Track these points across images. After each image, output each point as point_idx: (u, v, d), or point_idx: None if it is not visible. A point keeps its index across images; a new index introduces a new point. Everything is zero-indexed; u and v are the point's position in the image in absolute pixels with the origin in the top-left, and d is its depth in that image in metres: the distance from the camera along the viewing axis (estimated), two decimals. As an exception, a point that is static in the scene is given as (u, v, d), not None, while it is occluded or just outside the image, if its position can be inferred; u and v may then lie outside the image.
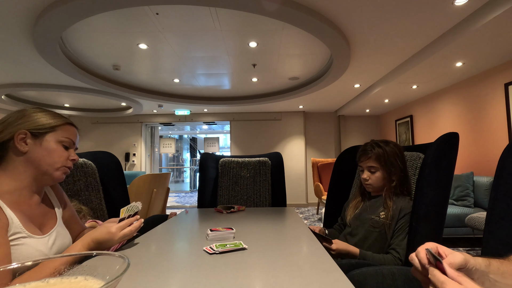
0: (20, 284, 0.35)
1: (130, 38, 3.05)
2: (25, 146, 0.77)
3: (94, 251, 0.40)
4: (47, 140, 0.80)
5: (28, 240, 0.72)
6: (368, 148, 1.24)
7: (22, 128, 0.77)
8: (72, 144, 0.85)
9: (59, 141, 0.82)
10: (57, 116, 0.84)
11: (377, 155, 1.20)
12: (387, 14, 2.49)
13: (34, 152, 0.78)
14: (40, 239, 0.76)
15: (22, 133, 0.77)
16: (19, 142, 0.76)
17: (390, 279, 0.91)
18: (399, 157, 1.20)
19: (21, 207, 0.76)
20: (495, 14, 2.27)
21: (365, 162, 1.24)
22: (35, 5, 2.31)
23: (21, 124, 0.77)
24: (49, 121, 0.81)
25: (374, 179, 1.22)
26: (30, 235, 0.74)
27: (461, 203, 3.42)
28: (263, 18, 2.62)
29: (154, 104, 5.85)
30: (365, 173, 1.25)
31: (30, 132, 0.77)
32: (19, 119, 0.78)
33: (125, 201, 1.52)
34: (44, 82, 4.33)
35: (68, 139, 0.83)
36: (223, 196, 1.95)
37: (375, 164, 1.21)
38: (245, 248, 0.85)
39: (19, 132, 0.76)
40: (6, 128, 0.77)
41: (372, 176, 1.22)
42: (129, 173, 6.06)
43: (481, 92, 3.75)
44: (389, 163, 1.19)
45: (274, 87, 5.02)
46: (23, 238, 0.71)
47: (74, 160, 0.85)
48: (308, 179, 6.79)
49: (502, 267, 0.52)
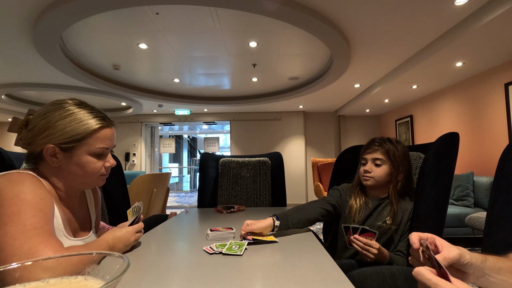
0: (20, 284, 0.35)
1: (130, 38, 3.05)
2: (56, 161, 0.72)
3: (94, 251, 0.40)
4: (77, 155, 0.72)
5: (63, 240, 0.72)
6: (377, 141, 1.17)
7: (48, 141, 0.70)
8: (107, 151, 0.77)
9: (91, 153, 0.74)
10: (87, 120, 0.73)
11: (387, 149, 1.13)
12: (387, 14, 2.49)
13: (66, 166, 0.73)
14: (72, 241, 0.75)
15: (50, 148, 0.70)
16: (49, 157, 0.71)
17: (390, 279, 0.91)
18: (407, 158, 1.15)
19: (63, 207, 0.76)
20: (495, 14, 2.27)
21: (371, 154, 1.16)
22: (35, 5, 2.31)
23: (47, 136, 0.70)
24: (77, 132, 0.71)
25: (378, 172, 1.13)
26: (66, 235, 0.74)
27: (461, 203, 3.42)
28: (263, 18, 2.62)
29: (154, 104, 5.85)
30: (368, 165, 1.16)
31: (59, 146, 0.70)
32: (45, 130, 0.70)
33: (125, 201, 1.52)
34: (44, 82, 4.33)
35: (100, 149, 0.75)
36: (223, 196, 1.95)
37: (382, 156, 1.13)
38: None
39: (47, 147, 0.70)
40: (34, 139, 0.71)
41: (375, 169, 1.14)
42: (129, 173, 6.06)
43: (481, 92, 3.75)
44: (398, 161, 1.12)
45: (274, 87, 5.02)
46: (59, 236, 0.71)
47: (110, 167, 0.79)
48: (308, 179, 6.79)
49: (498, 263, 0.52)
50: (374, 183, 1.15)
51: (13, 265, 0.36)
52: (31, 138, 0.71)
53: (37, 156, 0.73)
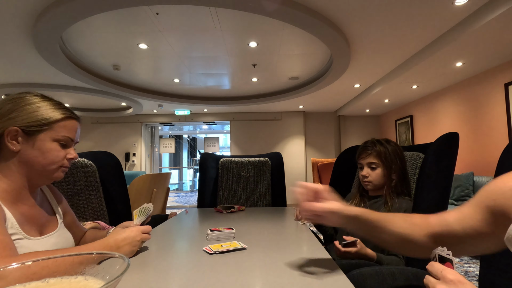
0: (20, 284, 0.35)
1: (130, 38, 3.05)
2: (17, 145, 0.69)
3: (93, 251, 0.40)
4: (41, 140, 0.71)
5: (25, 242, 0.69)
6: (369, 145, 1.23)
7: (13, 124, 0.68)
8: (71, 142, 0.77)
9: (55, 139, 0.73)
10: (54, 109, 0.74)
11: (378, 152, 1.19)
12: (387, 14, 2.49)
13: (26, 152, 0.70)
14: (37, 241, 0.72)
15: (13, 131, 0.68)
16: (10, 140, 0.69)
17: (390, 279, 0.91)
18: (399, 155, 1.20)
19: (19, 207, 0.71)
20: (495, 14, 2.27)
21: (365, 159, 1.23)
22: (35, 5, 2.31)
23: (13, 119, 0.68)
24: (44, 117, 0.71)
25: (374, 175, 1.20)
26: (27, 236, 0.70)
27: (461, 203, 3.42)
28: (263, 18, 2.62)
29: (154, 104, 5.85)
30: (364, 170, 1.23)
31: (22, 129, 0.69)
32: (11, 112, 0.69)
33: (125, 201, 1.52)
34: (44, 82, 4.33)
35: (65, 137, 0.74)
36: (223, 196, 1.95)
37: (375, 160, 1.20)
38: (244, 248, 0.85)
39: (9, 130, 0.68)
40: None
41: (372, 173, 1.21)
42: (129, 173, 6.06)
43: (481, 92, 3.75)
44: (390, 161, 1.18)
45: (274, 87, 5.02)
46: (19, 239, 0.67)
47: (72, 159, 0.77)
48: (308, 179, 6.79)
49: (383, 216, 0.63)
50: (374, 187, 1.22)
51: (13, 265, 0.36)
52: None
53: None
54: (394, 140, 5.97)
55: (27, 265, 0.37)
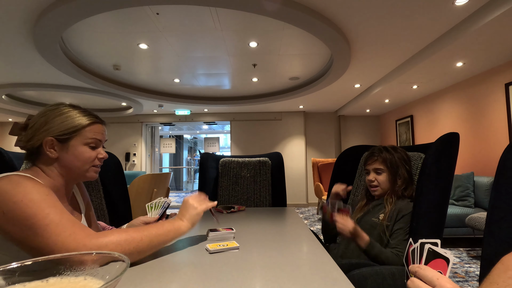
0: (20, 284, 0.35)
1: (130, 38, 3.05)
2: (54, 152, 0.79)
3: (93, 251, 0.40)
4: (73, 145, 0.81)
5: None
6: (376, 151, 1.30)
7: (47, 135, 0.78)
8: (99, 143, 0.86)
9: (85, 143, 0.83)
10: (81, 116, 0.83)
11: (384, 158, 1.25)
12: (387, 14, 2.49)
13: (63, 157, 0.81)
14: None
15: (49, 141, 0.78)
16: (48, 149, 0.79)
17: (390, 279, 0.91)
18: (405, 162, 1.25)
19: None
20: (495, 14, 2.27)
21: (371, 165, 1.29)
22: (35, 5, 2.31)
23: (47, 130, 0.78)
24: (72, 124, 0.81)
25: (380, 181, 1.26)
26: None
27: (462, 203, 3.42)
28: (263, 18, 2.62)
29: (154, 104, 5.85)
30: (371, 175, 1.29)
31: (56, 138, 0.79)
32: (44, 125, 0.79)
33: (125, 201, 1.52)
34: (44, 82, 4.33)
35: (93, 139, 0.84)
36: (223, 196, 1.95)
37: (381, 166, 1.26)
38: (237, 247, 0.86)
39: (46, 140, 0.78)
40: (34, 135, 0.79)
41: (378, 178, 1.26)
42: (129, 173, 6.07)
43: (482, 92, 3.74)
44: (395, 166, 1.24)
45: (274, 87, 5.02)
46: None
47: (102, 158, 0.87)
48: (309, 179, 6.79)
49: None
50: (382, 192, 1.28)
51: (12, 265, 0.36)
52: (31, 134, 0.79)
53: (35, 152, 0.80)
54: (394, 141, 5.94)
55: None
